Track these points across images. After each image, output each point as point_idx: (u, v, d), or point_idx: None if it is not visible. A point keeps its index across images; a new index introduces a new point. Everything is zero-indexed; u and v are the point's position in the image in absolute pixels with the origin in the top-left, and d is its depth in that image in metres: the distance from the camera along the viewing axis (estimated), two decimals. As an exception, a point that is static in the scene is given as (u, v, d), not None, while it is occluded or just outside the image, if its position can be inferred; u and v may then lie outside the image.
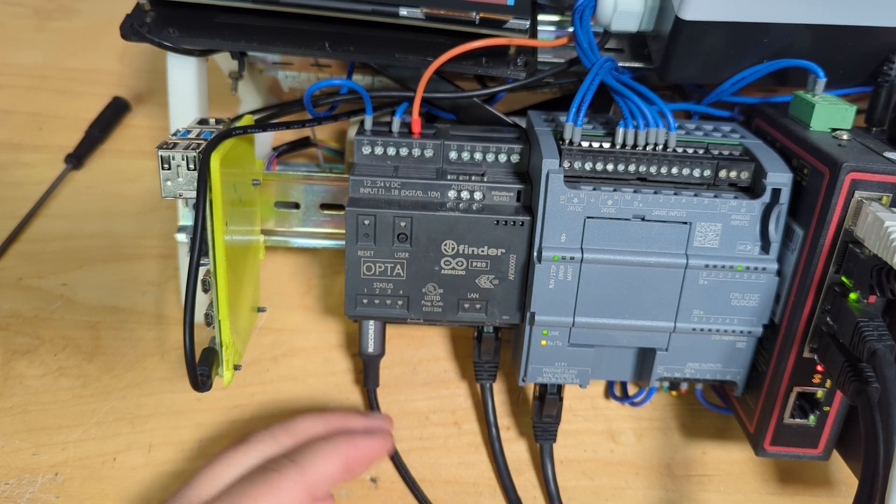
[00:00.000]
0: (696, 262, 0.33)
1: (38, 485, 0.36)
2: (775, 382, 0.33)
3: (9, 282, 0.44)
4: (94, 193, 0.50)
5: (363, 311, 0.35)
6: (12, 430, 0.38)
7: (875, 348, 0.28)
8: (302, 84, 0.48)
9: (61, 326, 0.42)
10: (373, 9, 0.33)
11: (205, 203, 0.30)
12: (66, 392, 0.40)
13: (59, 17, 0.61)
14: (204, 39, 0.34)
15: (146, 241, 0.47)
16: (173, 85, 0.37)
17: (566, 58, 0.38)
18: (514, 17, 0.33)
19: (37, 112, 0.54)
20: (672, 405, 0.42)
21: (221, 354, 0.32)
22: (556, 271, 0.33)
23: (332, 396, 0.41)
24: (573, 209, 0.32)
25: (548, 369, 0.35)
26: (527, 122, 0.37)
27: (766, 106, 0.37)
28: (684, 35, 0.34)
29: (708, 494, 0.38)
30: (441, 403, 0.41)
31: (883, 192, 0.29)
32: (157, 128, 0.54)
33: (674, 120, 0.32)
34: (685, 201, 0.32)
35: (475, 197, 0.34)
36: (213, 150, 0.30)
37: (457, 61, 0.34)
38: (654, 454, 0.40)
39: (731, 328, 0.34)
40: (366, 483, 0.38)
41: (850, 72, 0.36)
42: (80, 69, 0.57)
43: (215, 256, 0.31)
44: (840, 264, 0.30)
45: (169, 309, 0.44)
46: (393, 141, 0.35)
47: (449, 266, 0.34)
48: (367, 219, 0.33)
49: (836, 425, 0.34)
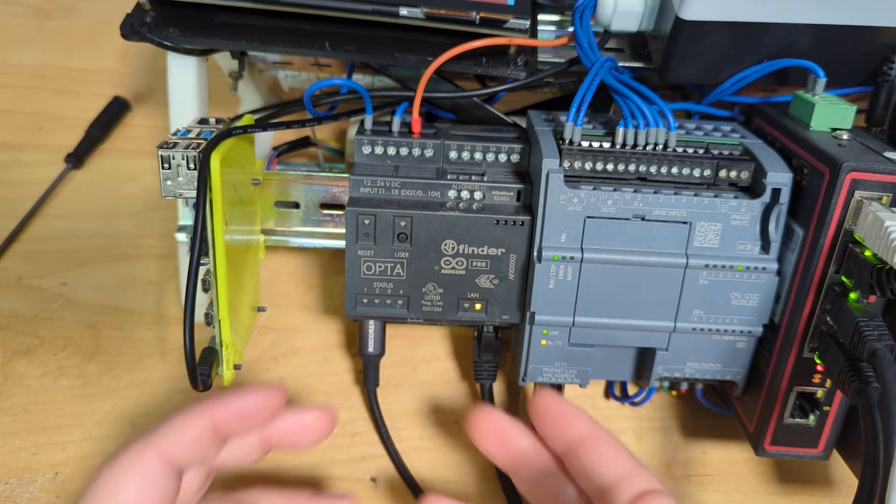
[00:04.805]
0: (696, 261, 0.33)
1: (38, 484, 0.36)
2: (775, 382, 0.33)
3: (9, 282, 0.44)
4: (94, 193, 0.50)
5: (363, 310, 0.35)
6: (12, 430, 0.38)
7: (875, 348, 0.28)
8: (302, 84, 0.48)
9: (61, 326, 0.42)
10: (373, 9, 0.33)
11: (205, 203, 0.30)
12: (66, 392, 0.40)
13: (59, 17, 0.61)
14: (204, 39, 0.34)
15: (146, 240, 0.47)
16: (173, 85, 0.37)
17: (566, 57, 0.38)
18: (515, 16, 0.33)
19: (37, 112, 0.54)
20: (672, 405, 0.42)
21: (221, 354, 0.32)
22: (556, 271, 0.33)
23: (332, 396, 0.41)
24: (573, 209, 0.32)
25: (548, 369, 0.35)
26: (527, 121, 0.37)
27: (767, 106, 0.37)
28: (684, 35, 0.34)
29: (708, 494, 0.38)
30: (441, 403, 0.41)
31: (883, 192, 0.29)
32: (157, 127, 0.54)
33: (674, 120, 0.32)
34: (685, 201, 0.32)
35: (475, 196, 0.34)
36: (213, 150, 0.30)
37: (457, 61, 0.34)
38: (654, 454, 0.40)
39: (731, 328, 0.34)
40: (366, 483, 0.38)
41: (850, 72, 0.36)
42: (80, 69, 0.57)
43: (215, 256, 0.31)
44: (840, 264, 0.30)
45: (169, 309, 0.44)
46: (393, 140, 0.35)
47: (449, 266, 0.34)
48: (367, 218, 0.33)
49: (836, 425, 0.34)
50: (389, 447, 0.39)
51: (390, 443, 0.39)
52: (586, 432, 0.30)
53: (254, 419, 0.31)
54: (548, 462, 0.32)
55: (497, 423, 0.32)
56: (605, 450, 0.30)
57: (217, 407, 0.30)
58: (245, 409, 0.31)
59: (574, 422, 0.31)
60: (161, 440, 0.29)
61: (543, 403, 0.32)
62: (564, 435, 0.31)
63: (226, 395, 0.31)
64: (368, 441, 0.39)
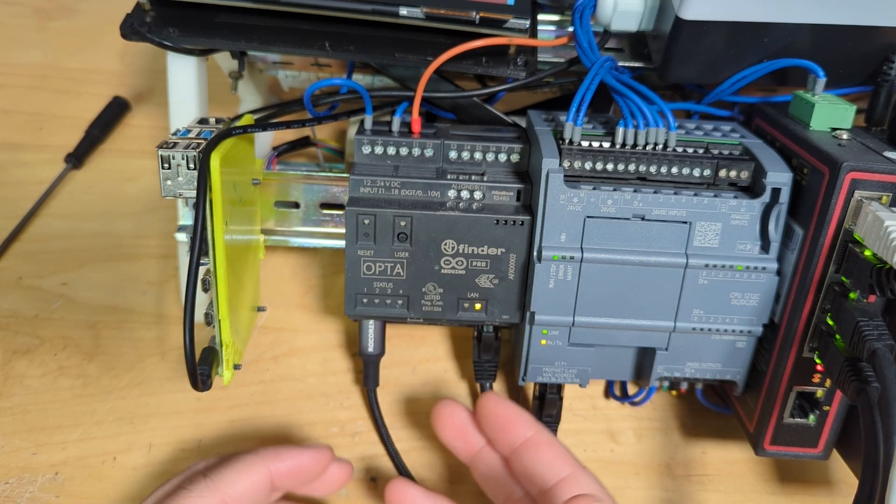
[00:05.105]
0: (696, 261, 0.33)
1: (38, 484, 0.36)
2: (775, 382, 0.33)
3: (9, 282, 0.44)
4: (94, 193, 0.50)
5: (363, 310, 0.35)
6: (12, 430, 0.38)
7: (875, 348, 0.28)
8: (302, 84, 0.48)
9: (61, 326, 0.42)
10: (373, 8, 0.33)
11: (205, 202, 0.30)
12: (66, 392, 0.40)
13: (59, 17, 0.61)
14: (204, 39, 0.34)
15: (146, 240, 0.47)
16: (173, 84, 0.37)
17: (566, 57, 0.38)
18: (514, 16, 0.33)
19: (37, 112, 0.54)
20: (672, 405, 0.42)
21: (221, 354, 0.32)
22: (556, 271, 0.33)
23: (332, 396, 0.41)
24: (573, 209, 0.32)
25: (547, 369, 0.35)
26: (527, 121, 0.37)
27: (766, 105, 0.37)
28: (684, 35, 0.34)
29: (708, 494, 0.38)
30: (441, 403, 0.41)
31: (883, 192, 0.29)
32: (157, 127, 0.54)
33: (674, 119, 0.32)
34: (685, 201, 0.32)
35: (475, 196, 0.34)
36: (213, 150, 0.30)
37: (457, 61, 0.34)
38: (654, 454, 0.40)
39: (730, 328, 0.34)
40: (366, 483, 0.38)
41: (850, 72, 0.36)
42: (80, 69, 0.57)
43: (215, 256, 0.31)
44: (840, 264, 0.30)
45: (169, 309, 0.44)
46: (393, 140, 0.35)
47: (449, 265, 0.34)
48: (366, 218, 0.33)
49: (835, 425, 0.34)
50: (389, 447, 0.39)
51: (390, 443, 0.39)
52: (530, 436, 0.31)
53: (306, 476, 0.33)
54: (498, 462, 0.32)
55: (457, 417, 0.33)
56: (547, 453, 0.31)
57: (277, 460, 0.32)
58: (302, 465, 0.33)
59: (518, 426, 0.32)
60: (224, 486, 0.30)
61: (488, 408, 0.33)
62: (509, 438, 0.32)
63: (284, 450, 0.33)
64: (368, 441, 0.39)
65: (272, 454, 0.32)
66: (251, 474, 0.31)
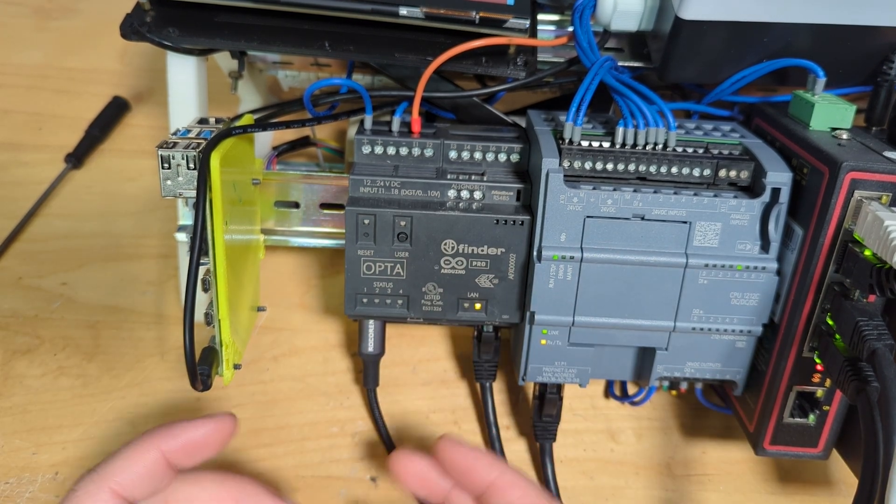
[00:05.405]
0: (696, 261, 0.33)
1: (38, 484, 0.36)
2: (775, 382, 0.33)
3: (9, 281, 0.44)
4: (93, 193, 0.50)
5: (363, 310, 0.35)
6: (12, 430, 0.38)
7: (875, 348, 0.28)
8: (302, 83, 0.48)
9: (61, 326, 0.42)
10: (373, 8, 0.33)
11: (205, 202, 0.30)
12: (66, 392, 0.40)
13: (59, 17, 0.61)
14: (204, 39, 0.34)
15: (146, 240, 0.47)
16: (173, 84, 0.37)
17: (566, 57, 0.38)
18: (514, 16, 0.33)
19: (37, 112, 0.54)
20: (672, 405, 0.42)
21: (221, 354, 0.32)
22: (556, 271, 0.33)
23: (332, 396, 0.41)
24: (573, 208, 0.32)
25: (547, 369, 0.35)
26: (527, 121, 0.37)
27: (766, 105, 0.37)
28: (684, 35, 0.34)
29: (708, 494, 0.38)
30: (441, 403, 0.41)
31: (882, 192, 0.29)
32: (157, 127, 0.54)
33: (673, 119, 0.32)
34: (685, 201, 0.32)
35: (475, 196, 0.34)
36: (212, 150, 0.30)
37: (457, 61, 0.34)
38: (654, 454, 0.40)
39: (730, 327, 0.34)
40: (366, 482, 0.38)
41: (850, 71, 0.36)
42: (79, 69, 0.57)
43: (215, 256, 0.31)
44: (840, 264, 0.30)
45: (169, 308, 0.44)
46: (393, 140, 0.35)
47: (449, 265, 0.34)
48: (366, 218, 0.33)
49: (835, 425, 0.34)
50: (389, 447, 0.39)
51: (390, 443, 0.39)
52: (493, 479, 0.31)
53: (204, 449, 0.32)
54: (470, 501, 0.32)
55: (417, 467, 0.32)
56: (513, 493, 0.31)
57: (167, 438, 0.31)
58: (195, 439, 0.31)
59: (479, 469, 0.31)
60: (112, 476, 0.29)
61: (447, 454, 0.32)
62: (474, 482, 0.31)
63: (175, 426, 0.31)
64: (368, 441, 0.39)
65: (162, 433, 0.31)
66: (141, 459, 0.30)
